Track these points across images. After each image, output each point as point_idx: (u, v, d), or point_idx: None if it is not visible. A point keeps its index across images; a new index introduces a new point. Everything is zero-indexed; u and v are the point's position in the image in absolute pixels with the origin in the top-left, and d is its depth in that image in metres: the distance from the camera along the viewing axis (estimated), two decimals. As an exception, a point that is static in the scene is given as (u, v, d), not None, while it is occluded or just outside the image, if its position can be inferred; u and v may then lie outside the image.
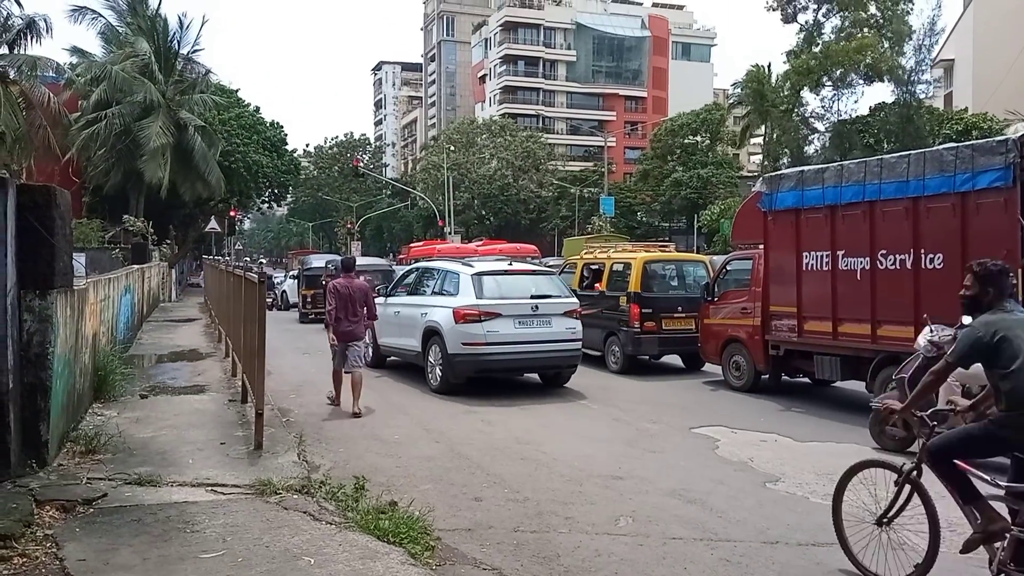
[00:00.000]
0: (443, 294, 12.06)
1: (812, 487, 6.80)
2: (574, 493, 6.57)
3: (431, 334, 11.67)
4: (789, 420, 9.82)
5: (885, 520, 4.82)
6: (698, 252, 38.20)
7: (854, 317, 9.82)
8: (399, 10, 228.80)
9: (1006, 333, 4.25)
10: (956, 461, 4.44)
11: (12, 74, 24.77)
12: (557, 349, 11.55)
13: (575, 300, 12.41)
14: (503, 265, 12.92)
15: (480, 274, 11.71)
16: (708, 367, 13.56)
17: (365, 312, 10.52)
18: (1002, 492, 4.33)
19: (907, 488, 4.74)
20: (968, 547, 4.40)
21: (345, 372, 10.21)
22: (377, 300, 13.05)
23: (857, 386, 10.55)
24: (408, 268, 15.61)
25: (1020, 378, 4.16)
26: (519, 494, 6.50)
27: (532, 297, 11.59)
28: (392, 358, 13.74)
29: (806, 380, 11.74)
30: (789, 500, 6.50)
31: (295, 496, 5.93)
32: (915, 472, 4.71)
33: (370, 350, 11.12)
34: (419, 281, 13.34)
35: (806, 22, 46.98)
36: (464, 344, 11.07)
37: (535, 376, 12.55)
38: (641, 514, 6.05)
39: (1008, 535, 4.24)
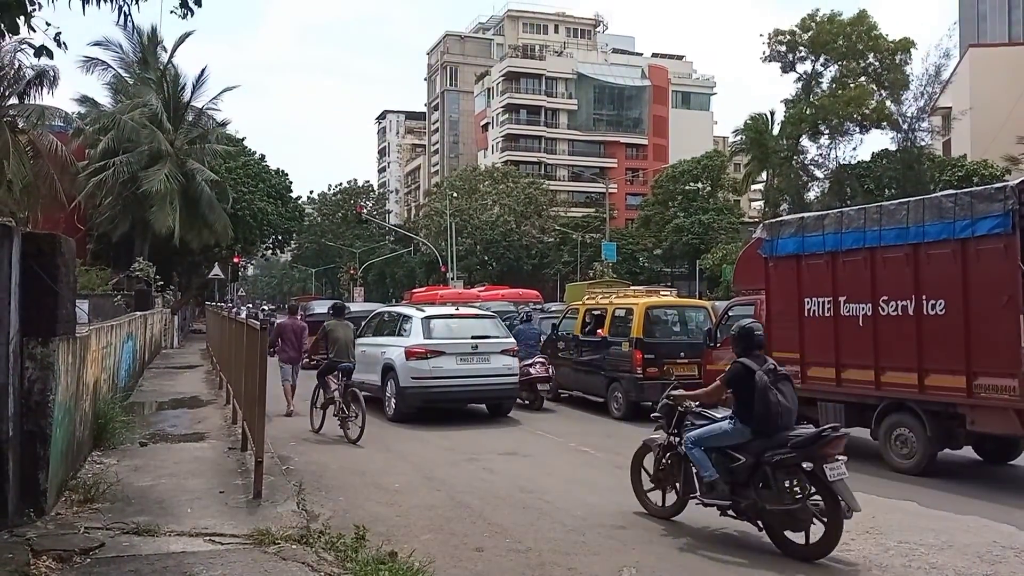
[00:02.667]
0: (399, 334, 13.65)
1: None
2: (577, 543, 6.48)
3: (388, 370, 13.26)
4: (794, 468, 9.70)
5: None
6: (700, 297, 38.23)
7: (857, 363, 9.78)
8: (403, 61, 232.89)
9: (330, 328, 11.67)
10: (326, 378, 11.58)
11: (21, 123, 25.12)
12: (495, 383, 13.13)
13: (512, 340, 14.02)
14: (451, 310, 14.68)
15: (429, 317, 13.48)
16: (712, 414, 13.43)
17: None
18: (340, 388, 11.20)
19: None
20: (323, 407, 11.50)
21: (291, 384, 13.87)
22: None
23: (862, 433, 10.45)
24: (375, 312, 16.89)
25: (334, 343, 11.68)
26: (521, 544, 6.42)
27: (473, 337, 13.20)
28: (363, 393, 14.58)
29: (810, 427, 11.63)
30: (795, 550, 6.39)
31: (294, 546, 5.85)
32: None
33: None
34: (382, 324, 15.01)
35: (804, 72, 47.69)
36: (413, 378, 12.65)
37: (547, 424, 12.55)
38: (645, 564, 5.96)
39: (336, 400, 11.08)
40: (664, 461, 7.20)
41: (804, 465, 6.10)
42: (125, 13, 6.05)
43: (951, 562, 6.05)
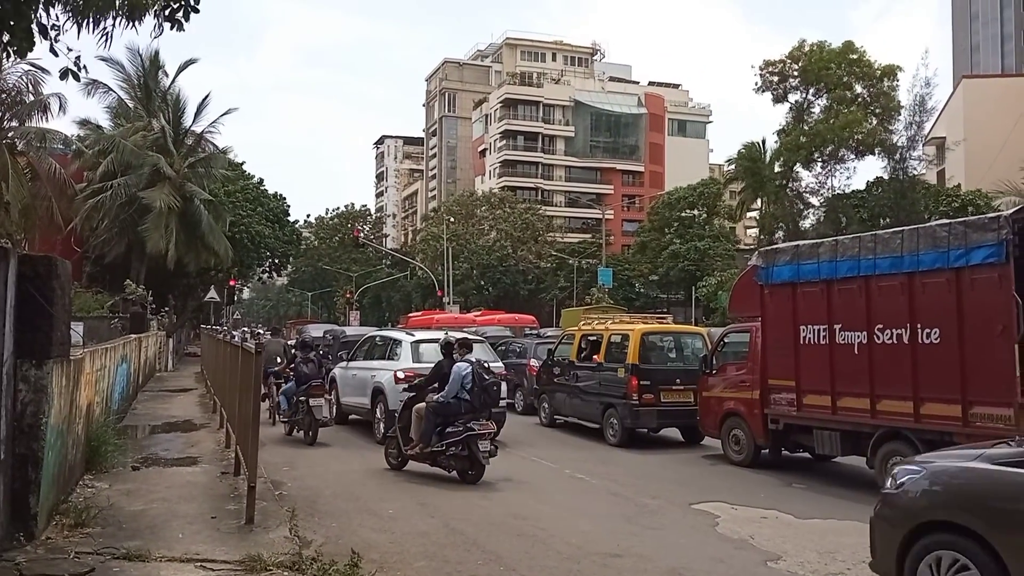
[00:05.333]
0: (389, 358, 13.86)
1: (814, 566, 6.67)
2: (571, 572, 6.43)
3: (377, 393, 13.48)
4: (790, 496, 9.68)
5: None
6: (696, 324, 38.23)
7: (853, 391, 9.79)
8: (402, 87, 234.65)
9: (266, 343, 15.36)
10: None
11: (20, 145, 25.20)
12: None
13: (499, 364, 14.20)
14: (440, 334, 14.69)
15: (418, 342, 13.76)
16: (707, 440, 13.40)
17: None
18: (272, 389, 15.16)
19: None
20: (263, 399, 11.46)
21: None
22: (340, 364, 16.15)
23: (858, 461, 10.43)
24: (366, 336, 16.92)
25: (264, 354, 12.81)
26: (515, 572, 6.36)
27: None
28: (352, 416, 15.13)
29: (806, 455, 11.62)
30: (791, 580, 6.36)
31: (285, 573, 5.80)
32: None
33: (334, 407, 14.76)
34: (372, 348, 15.25)
35: (795, 102, 48.13)
36: (402, 402, 12.36)
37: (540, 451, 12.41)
38: (640, 594, 5.91)
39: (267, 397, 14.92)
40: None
41: (303, 398, 12.91)
42: (107, 33, 6.20)
43: None
